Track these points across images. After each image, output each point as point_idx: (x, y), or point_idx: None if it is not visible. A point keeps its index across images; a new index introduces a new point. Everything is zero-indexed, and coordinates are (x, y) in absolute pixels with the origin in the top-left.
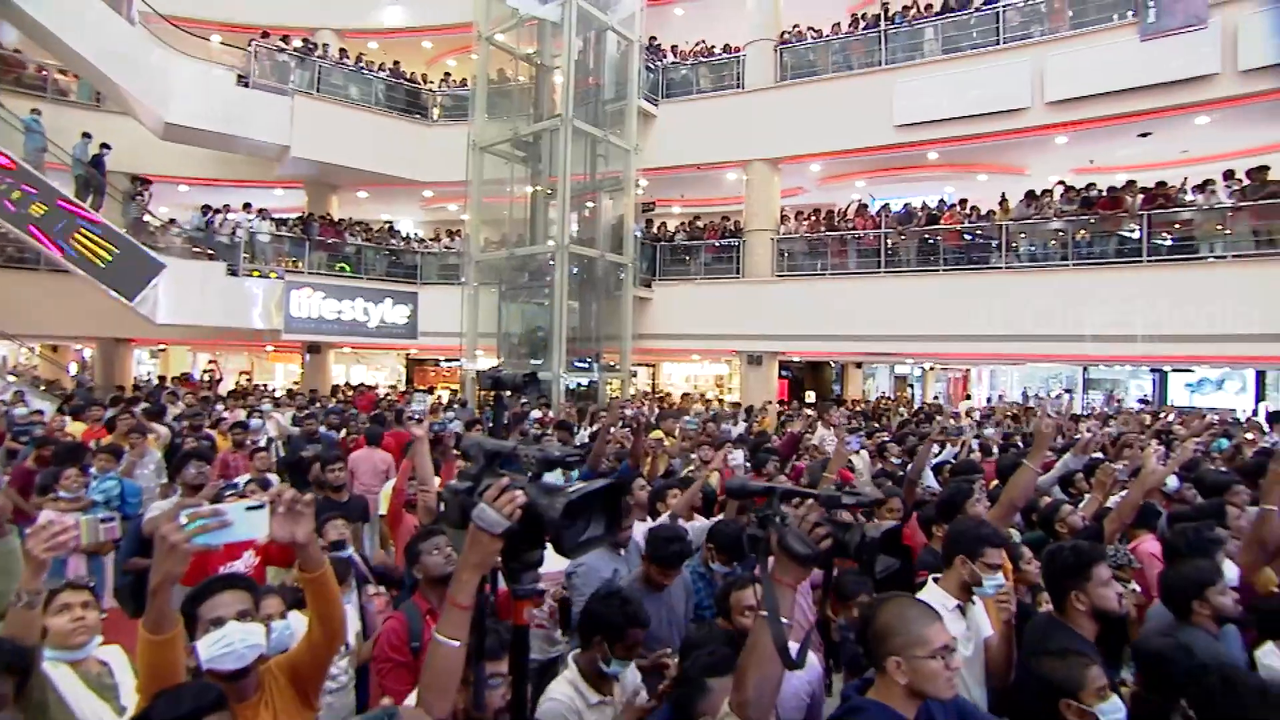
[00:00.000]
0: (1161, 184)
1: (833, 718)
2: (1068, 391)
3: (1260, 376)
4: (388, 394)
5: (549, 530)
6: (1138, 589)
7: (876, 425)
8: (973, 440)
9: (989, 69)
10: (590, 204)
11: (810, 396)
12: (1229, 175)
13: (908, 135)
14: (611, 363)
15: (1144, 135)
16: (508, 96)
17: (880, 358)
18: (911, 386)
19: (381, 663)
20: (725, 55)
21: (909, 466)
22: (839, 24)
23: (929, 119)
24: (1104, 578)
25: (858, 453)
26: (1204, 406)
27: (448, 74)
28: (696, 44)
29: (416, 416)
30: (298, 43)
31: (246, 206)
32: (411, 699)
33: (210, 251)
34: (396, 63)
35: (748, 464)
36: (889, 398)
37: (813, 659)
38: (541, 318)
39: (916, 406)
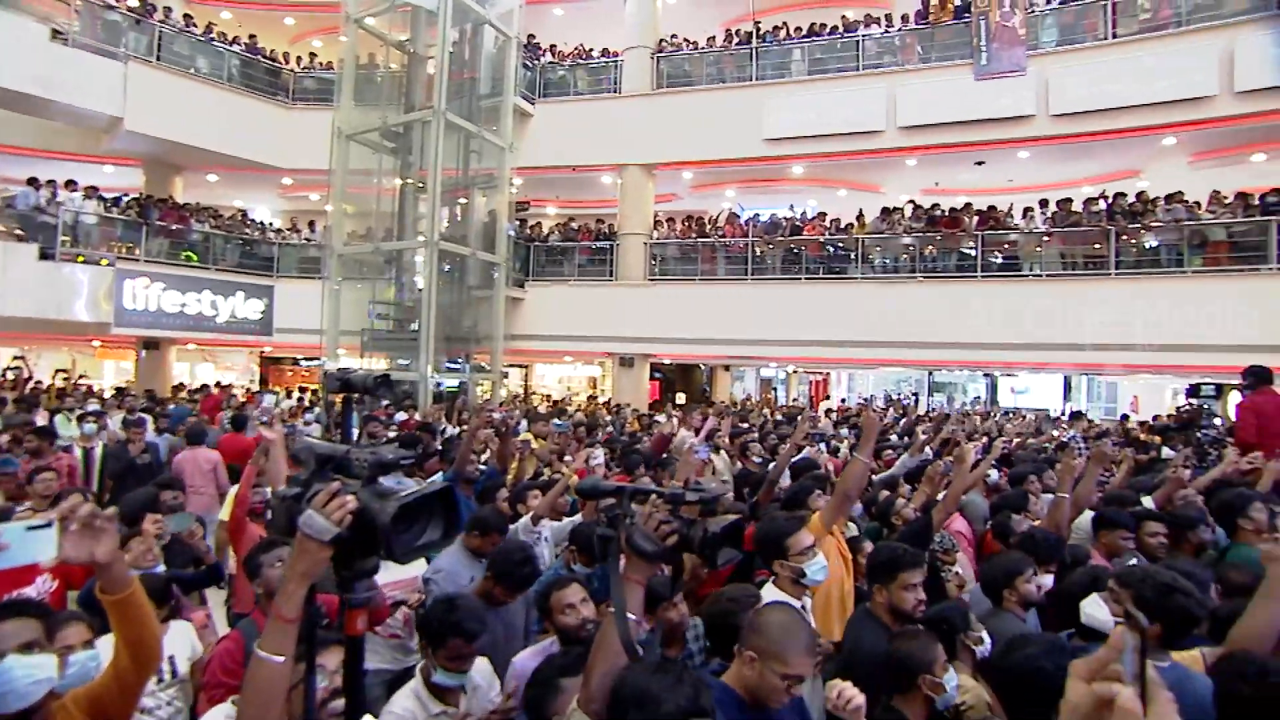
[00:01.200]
0: (993, 208)
1: None
2: (914, 395)
3: (1067, 381)
4: (233, 394)
5: (380, 536)
6: (959, 571)
7: (744, 425)
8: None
9: (849, 92)
10: (462, 200)
11: (681, 398)
12: (1044, 204)
13: (775, 149)
14: (483, 363)
15: (979, 163)
16: (377, 84)
17: (747, 361)
18: (775, 389)
19: (213, 688)
20: (603, 59)
21: (770, 466)
22: (714, 38)
23: (795, 135)
24: (909, 582)
25: (707, 462)
26: (1025, 407)
27: (313, 54)
28: (575, 46)
29: (265, 419)
30: (133, 1)
31: (70, 184)
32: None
33: (20, 232)
34: (253, 36)
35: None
36: (752, 399)
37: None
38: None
39: (782, 408)
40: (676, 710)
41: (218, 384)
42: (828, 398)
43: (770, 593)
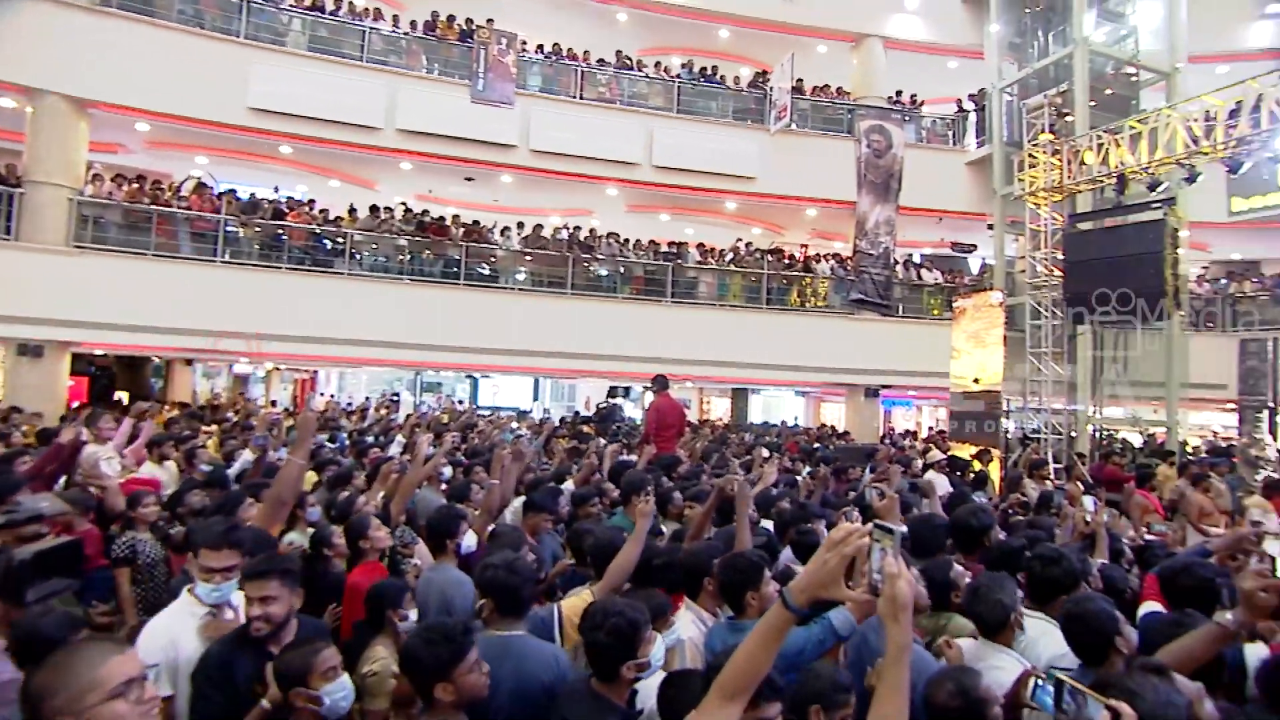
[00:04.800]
0: (477, 223)
1: None
2: (396, 395)
3: (537, 382)
4: None
5: None
6: (418, 562)
7: (202, 428)
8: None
9: (351, 81)
10: None
11: (123, 397)
12: (520, 226)
13: (261, 121)
14: None
15: (469, 179)
16: None
17: (215, 355)
18: (245, 388)
19: None
20: None
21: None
22: None
23: (286, 111)
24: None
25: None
26: (503, 406)
27: None
28: None
29: None
30: None
31: None
32: None
33: None
34: None
35: None
36: (221, 399)
37: None
38: None
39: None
40: None
41: None
42: (322, 394)
43: (178, 603)
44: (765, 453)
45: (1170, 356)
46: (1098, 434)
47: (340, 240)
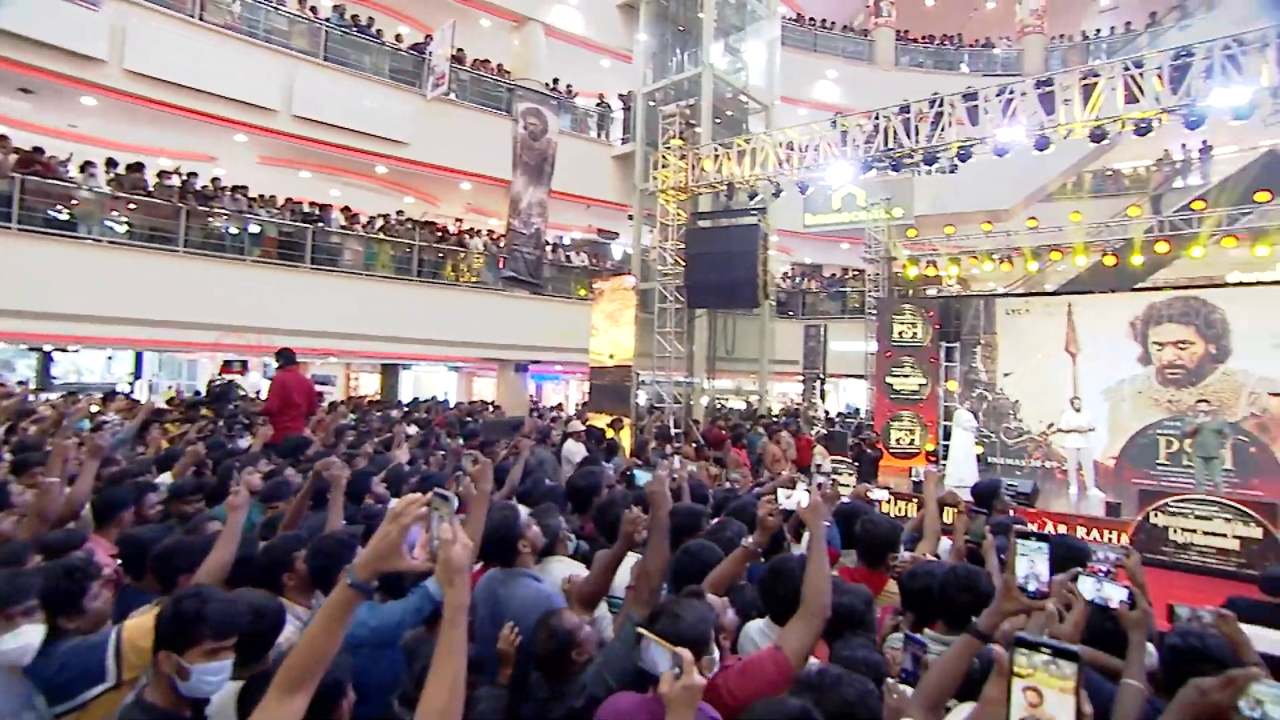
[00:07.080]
0: (39, 150)
1: None
2: None
3: (139, 356)
4: None
5: None
6: None
7: None
8: None
9: None
10: None
11: None
12: (111, 164)
13: None
14: None
15: (27, 92)
16: None
17: None
18: None
19: None
20: None
21: None
22: None
23: None
24: None
25: None
26: (92, 385)
27: None
28: None
29: None
30: None
31: None
32: None
33: None
34: None
35: None
36: None
37: None
38: None
39: None
40: None
41: None
42: None
43: None
44: (410, 430)
45: (762, 338)
46: (710, 402)
47: None
